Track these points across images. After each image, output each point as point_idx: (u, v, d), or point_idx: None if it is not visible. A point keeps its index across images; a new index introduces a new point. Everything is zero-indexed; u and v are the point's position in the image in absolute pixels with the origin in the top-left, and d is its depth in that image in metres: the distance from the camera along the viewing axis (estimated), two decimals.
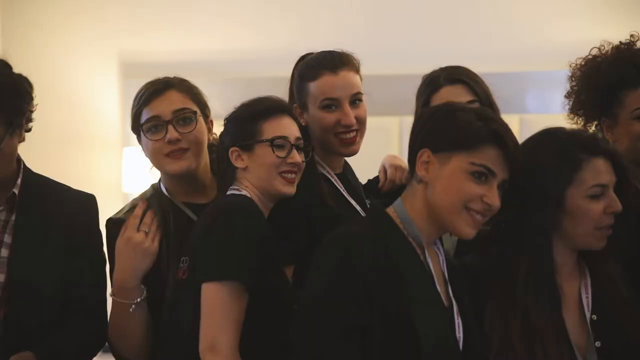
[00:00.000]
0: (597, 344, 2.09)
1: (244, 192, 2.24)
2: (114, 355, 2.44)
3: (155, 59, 5.29)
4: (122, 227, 2.41)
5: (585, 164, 2.10)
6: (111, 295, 2.37)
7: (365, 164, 2.70)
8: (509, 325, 2.07)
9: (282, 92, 2.47)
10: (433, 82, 2.70)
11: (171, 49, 5.31)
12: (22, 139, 2.40)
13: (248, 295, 2.11)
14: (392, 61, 5.02)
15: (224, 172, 2.31)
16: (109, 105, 5.46)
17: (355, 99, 2.49)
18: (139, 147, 2.55)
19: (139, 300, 2.34)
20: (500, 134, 2.01)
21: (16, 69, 2.39)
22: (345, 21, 5.33)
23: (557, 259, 2.12)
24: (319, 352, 1.92)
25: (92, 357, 2.49)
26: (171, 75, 2.50)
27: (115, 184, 5.28)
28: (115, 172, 5.30)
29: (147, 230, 2.38)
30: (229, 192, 2.27)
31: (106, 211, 2.55)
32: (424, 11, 5.41)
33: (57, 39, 5.43)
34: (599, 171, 2.10)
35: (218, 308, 2.09)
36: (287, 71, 2.60)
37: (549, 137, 2.18)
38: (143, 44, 5.42)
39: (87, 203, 2.48)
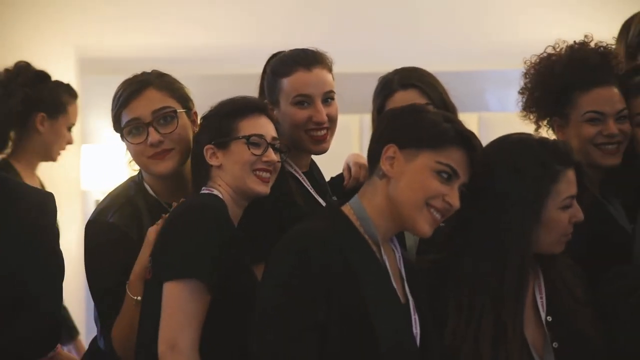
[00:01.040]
0: (555, 344, 2.12)
1: (215, 192, 2.23)
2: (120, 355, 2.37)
3: (115, 54, 5.25)
4: (103, 229, 2.37)
5: (561, 175, 2.13)
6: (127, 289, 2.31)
7: (326, 162, 2.71)
8: (473, 320, 2.09)
9: (243, 90, 2.46)
10: (387, 86, 2.71)
11: (131, 45, 5.28)
12: None
13: (210, 295, 2.10)
14: (352, 60, 5.03)
15: (199, 171, 2.29)
16: None
17: (328, 97, 2.50)
18: (98, 145, 2.52)
19: (139, 298, 2.28)
20: (468, 137, 2.04)
21: None
22: (306, 20, 5.34)
23: None
24: (278, 352, 1.92)
25: (41, 357, 2.43)
26: (131, 73, 2.46)
27: (73, 182, 5.23)
28: (73, 170, 5.25)
29: None
30: (201, 192, 2.26)
31: (65, 209, 2.53)
32: (384, 10, 5.44)
33: (12, 34, 5.35)
34: (571, 183, 2.14)
35: (179, 307, 2.07)
36: (248, 69, 2.60)
37: (523, 142, 2.19)
38: (102, 39, 5.37)
39: (45, 201, 2.42)
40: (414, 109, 2.12)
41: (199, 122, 2.39)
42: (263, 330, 1.95)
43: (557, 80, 2.58)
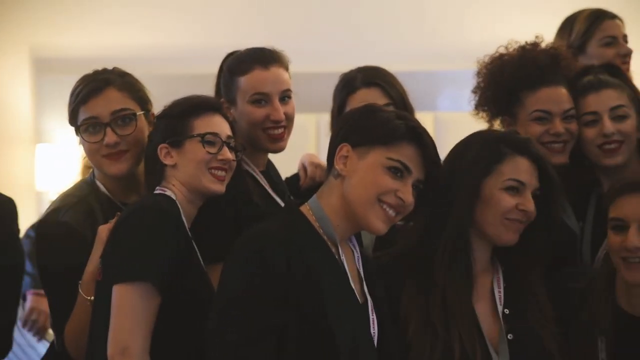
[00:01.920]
0: (509, 336, 2.16)
1: (168, 192, 2.21)
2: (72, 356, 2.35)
3: (70, 54, 5.20)
4: (54, 228, 2.34)
5: (508, 158, 2.17)
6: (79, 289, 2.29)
7: (282, 161, 2.71)
8: (429, 306, 2.13)
9: (199, 90, 2.44)
10: (349, 83, 2.74)
11: (86, 44, 5.23)
12: None
13: (161, 296, 2.08)
14: (309, 59, 5.04)
15: (152, 171, 2.27)
16: (20, 102, 5.33)
17: (285, 96, 2.50)
18: (53, 144, 2.50)
19: (92, 298, 2.25)
20: (419, 133, 2.05)
21: None
22: (262, 19, 5.34)
23: (474, 254, 2.19)
24: (236, 354, 1.91)
25: None
26: (90, 71, 2.44)
27: (28, 182, 5.17)
28: (27, 170, 5.19)
29: None
30: (155, 192, 2.24)
31: (19, 210, 2.50)
32: (340, 10, 5.46)
33: None
34: (519, 168, 2.17)
35: (128, 310, 2.04)
36: (203, 68, 2.59)
37: (481, 133, 2.29)
38: (57, 39, 5.32)
39: (4, 207, 2.39)
40: (368, 109, 2.14)
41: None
42: (221, 331, 1.94)
43: (507, 79, 2.62)
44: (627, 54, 3.25)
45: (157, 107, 2.38)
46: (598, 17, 3.24)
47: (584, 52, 3.17)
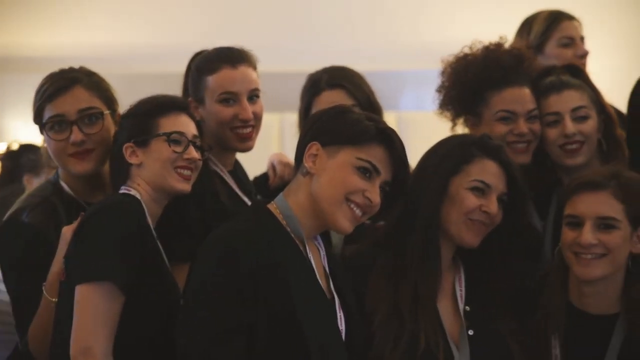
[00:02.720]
0: (470, 332, 2.19)
1: (133, 192, 2.20)
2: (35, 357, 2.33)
3: (34, 53, 5.14)
4: (17, 229, 2.32)
5: (476, 160, 2.21)
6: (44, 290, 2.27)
7: (245, 161, 2.71)
8: (397, 298, 2.15)
9: (165, 89, 2.43)
10: (315, 85, 2.75)
11: (50, 43, 5.17)
12: None
13: (124, 296, 2.07)
14: (274, 59, 5.03)
15: (117, 170, 2.26)
16: None
17: (253, 95, 2.50)
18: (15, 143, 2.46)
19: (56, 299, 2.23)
20: (389, 135, 2.07)
21: None
22: (228, 19, 5.32)
23: (440, 252, 2.22)
24: (206, 352, 1.91)
25: None
26: (53, 70, 2.42)
27: None
28: None
29: None
30: (120, 191, 2.23)
31: None
32: (306, 10, 5.46)
33: None
34: (486, 171, 2.21)
35: (91, 310, 2.03)
36: (170, 68, 2.58)
37: (457, 136, 2.35)
38: (20, 38, 5.25)
39: None
40: (338, 109, 2.15)
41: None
42: (191, 331, 1.94)
43: (471, 79, 2.65)
44: (584, 55, 3.31)
45: (122, 107, 2.37)
46: (556, 18, 3.30)
47: (542, 52, 3.22)
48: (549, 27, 3.27)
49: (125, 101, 2.35)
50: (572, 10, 3.44)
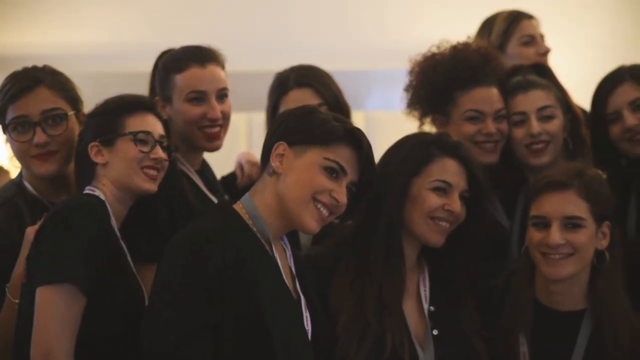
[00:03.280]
0: (435, 332, 2.20)
1: (97, 192, 2.18)
2: None
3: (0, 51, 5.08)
4: None
5: (436, 160, 2.22)
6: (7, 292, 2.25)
7: (213, 160, 2.71)
8: (362, 300, 2.16)
9: (131, 89, 2.41)
10: (283, 83, 2.74)
11: (16, 42, 5.11)
12: None
13: (86, 298, 2.05)
14: (241, 58, 5.01)
15: (82, 170, 2.24)
16: None
17: (222, 94, 2.50)
18: None
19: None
20: (356, 135, 2.07)
21: None
22: (195, 18, 5.30)
23: (404, 252, 2.22)
24: (171, 352, 1.90)
25: None
26: (18, 69, 2.39)
27: None
28: None
29: None
30: (84, 192, 2.20)
31: None
32: (274, 9, 5.45)
33: None
34: (446, 170, 2.21)
35: (52, 313, 2.01)
36: (137, 67, 2.56)
37: (415, 135, 2.33)
38: None
39: None
40: (305, 109, 2.15)
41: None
42: (157, 330, 1.93)
43: (439, 78, 2.66)
44: (546, 52, 3.35)
45: (88, 107, 2.35)
46: (516, 18, 3.34)
47: (503, 51, 3.25)
48: (509, 26, 3.31)
49: (92, 100, 2.33)
50: (539, 8, 3.48)
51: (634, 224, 2.61)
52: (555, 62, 3.33)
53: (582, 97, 2.81)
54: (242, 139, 4.98)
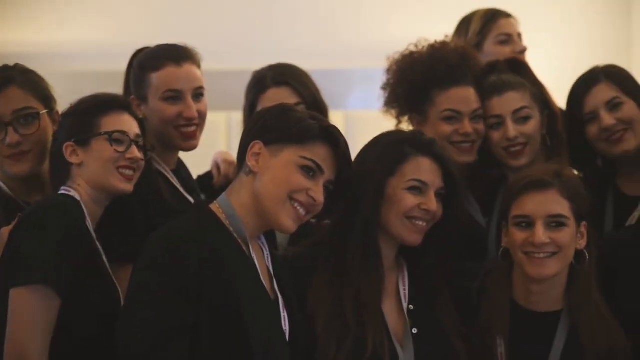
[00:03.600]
0: (414, 330, 2.20)
1: (72, 193, 2.17)
2: None
3: None
4: None
5: (411, 159, 2.21)
6: None
7: (193, 159, 2.69)
8: (341, 301, 2.15)
9: (106, 88, 2.40)
10: (260, 82, 2.73)
11: None
12: None
13: (60, 299, 2.04)
14: (220, 57, 5.00)
15: (57, 170, 2.22)
16: None
17: (198, 93, 2.49)
18: None
19: None
20: (332, 133, 2.07)
21: None
22: (172, 16, 5.28)
23: (382, 252, 2.22)
24: (148, 352, 1.89)
25: None
26: None
27: None
28: None
29: None
30: (59, 192, 2.19)
31: None
32: (251, 7, 5.44)
33: None
34: (421, 169, 2.21)
35: (26, 314, 2.01)
36: (111, 66, 2.55)
37: (388, 134, 2.31)
38: None
39: None
40: (281, 108, 2.14)
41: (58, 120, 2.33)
42: (133, 330, 1.91)
43: (417, 77, 2.65)
44: (523, 51, 3.35)
45: (62, 106, 2.33)
46: (493, 16, 3.34)
47: (480, 50, 3.25)
48: (485, 25, 3.31)
49: (67, 100, 2.31)
50: (516, 6, 3.48)
51: (611, 224, 2.62)
52: (532, 61, 3.33)
53: (561, 96, 2.80)
54: (222, 138, 4.97)
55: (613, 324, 2.26)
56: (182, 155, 2.60)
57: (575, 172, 2.56)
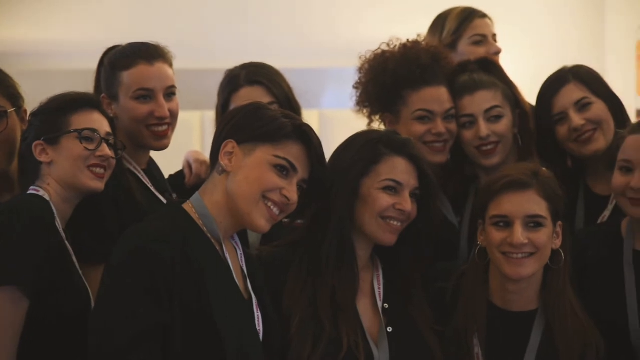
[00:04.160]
0: (389, 329, 2.20)
1: (41, 192, 2.15)
2: None
3: None
4: None
5: (385, 159, 2.21)
6: None
7: (166, 159, 2.68)
8: (316, 301, 2.15)
9: (76, 87, 2.38)
10: (233, 81, 2.72)
11: None
12: None
13: (29, 300, 2.03)
14: (194, 56, 4.99)
15: (26, 169, 2.21)
16: None
17: (170, 92, 2.48)
18: None
19: None
20: (305, 132, 2.06)
21: None
22: (144, 15, 5.26)
23: (357, 252, 2.22)
24: (120, 355, 1.87)
25: None
26: None
27: None
28: None
29: None
30: (28, 192, 2.18)
31: None
32: (225, 7, 5.43)
33: None
34: (396, 169, 2.21)
35: None
36: (82, 64, 2.53)
37: (363, 133, 2.31)
38: None
39: None
40: (254, 106, 2.13)
41: (28, 119, 2.31)
42: (106, 332, 1.90)
43: (389, 77, 2.65)
44: (497, 53, 3.35)
45: (32, 105, 2.31)
46: (468, 16, 3.33)
47: (454, 49, 3.25)
48: (461, 25, 3.30)
49: (36, 99, 2.29)
50: (490, 5, 3.49)
51: (582, 224, 2.63)
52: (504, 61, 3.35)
53: (528, 95, 2.81)
54: (195, 137, 4.97)
55: (588, 323, 2.27)
56: (157, 154, 2.59)
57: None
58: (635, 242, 2.40)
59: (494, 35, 3.39)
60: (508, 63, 3.05)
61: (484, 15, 3.38)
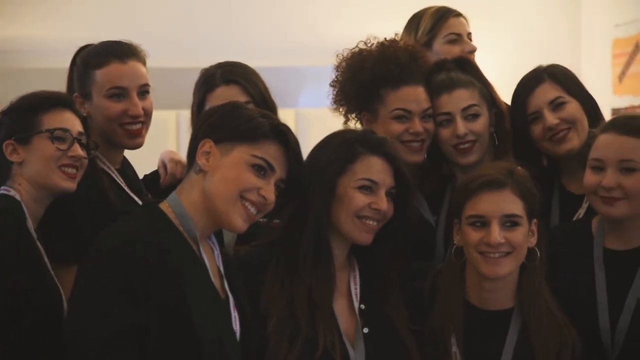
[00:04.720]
0: (365, 330, 2.20)
1: (12, 193, 2.14)
2: None
3: None
4: None
5: (361, 158, 2.21)
6: None
7: (141, 158, 2.66)
8: (293, 301, 2.14)
9: (48, 85, 2.36)
10: (208, 80, 2.71)
11: None
12: None
13: None
14: (171, 55, 4.98)
15: None
16: None
17: (143, 90, 2.47)
18: None
19: None
20: (283, 131, 2.06)
21: None
22: (119, 13, 5.24)
23: (333, 252, 2.22)
24: (97, 355, 1.86)
25: None
26: None
27: None
28: None
29: None
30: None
31: None
32: (201, 5, 5.42)
33: None
34: (372, 168, 2.21)
35: None
36: (54, 63, 2.51)
37: (339, 133, 2.31)
38: None
39: None
40: (232, 106, 2.12)
41: None
42: (80, 333, 1.88)
43: (367, 75, 2.65)
44: (472, 51, 3.36)
45: (4, 103, 2.28)
46: (443, 15, 3.34)
47: (430, 48, 3.25)
48: (436, 23, 3.31)
49: (7, 97, 2.27)
50: (465, 4, 3.50)
51: (557, 222, 2.64)
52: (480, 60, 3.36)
53: (506, 94, 2.82)
54: (171, 136, 4.95)
55: (564, 322, 2.28)
56: (132, 154, 2.57)
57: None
58: (606, 240, 2.41)
59: (469, 34, 3.40)
60: (484, 62, 3.05)
61: (458, 14, 3.39)
